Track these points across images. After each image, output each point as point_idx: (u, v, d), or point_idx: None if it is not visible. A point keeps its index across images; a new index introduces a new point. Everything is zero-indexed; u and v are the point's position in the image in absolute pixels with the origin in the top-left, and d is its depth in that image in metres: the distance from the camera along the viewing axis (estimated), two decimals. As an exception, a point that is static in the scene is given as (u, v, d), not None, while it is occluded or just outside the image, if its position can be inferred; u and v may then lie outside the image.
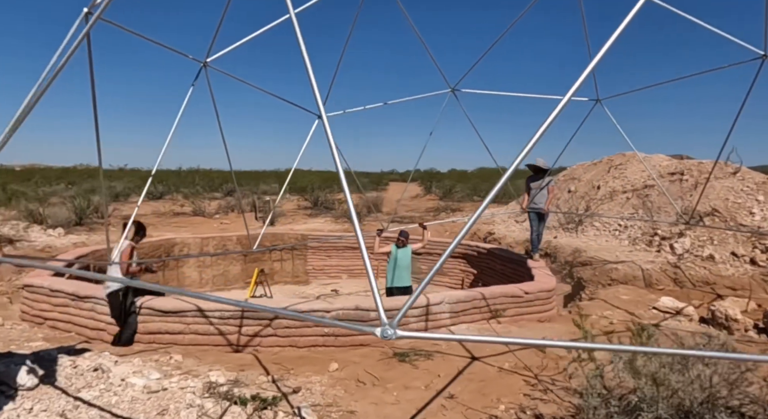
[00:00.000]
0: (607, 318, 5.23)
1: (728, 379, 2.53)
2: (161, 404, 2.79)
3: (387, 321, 1.78)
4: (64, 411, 2.55)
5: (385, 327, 1.75)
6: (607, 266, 7.45)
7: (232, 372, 3.56)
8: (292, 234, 12.34)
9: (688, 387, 2.50)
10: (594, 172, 12.26)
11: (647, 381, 2.45)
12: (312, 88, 2.26)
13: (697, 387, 2.47)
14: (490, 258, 9.47)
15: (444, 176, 35.64)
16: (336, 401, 3.20)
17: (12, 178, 26.77)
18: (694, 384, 2.53)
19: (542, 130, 1.97)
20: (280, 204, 17.01)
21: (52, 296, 5.59)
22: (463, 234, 1.90)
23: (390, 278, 7.14)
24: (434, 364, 3.93)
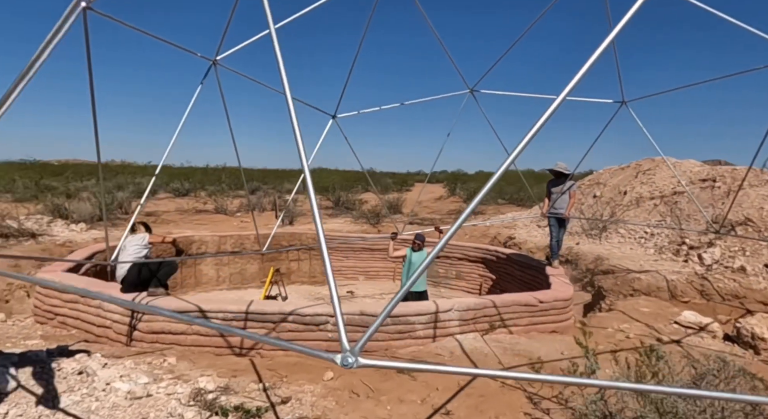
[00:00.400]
0: (623, 332, 4.96)
1: (744, 409, 2.31)
2: (141, 412, 2.71)
3: (348, 347, 1.57)
4: (40, 417, 2.49)
5: (345, 354, 1.55)
6: (630, 275, 7.12)
7: (224, 378, 3.47)
8: (311, 234, 12.29)
9: (699, 416, 2.29)
10: (621, 177, 11.84)
11: (650, 408, 2.24)
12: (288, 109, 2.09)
13: (708, 416, 2.26)
14: (509, 263, 9.22)
15: (470, 178, 35.18)
16: (325, 413, 3.07)
17: (47, 173, 27.63)
18: (705, 413, 2.31)
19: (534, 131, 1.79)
20: (300, 203, 17.03)
21: (63, 291, 5.63)
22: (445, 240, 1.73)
23: (405, 282, 6.91)
24: (434, 377, 3.76)
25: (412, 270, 6.98)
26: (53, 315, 5.59)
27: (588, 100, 8.10)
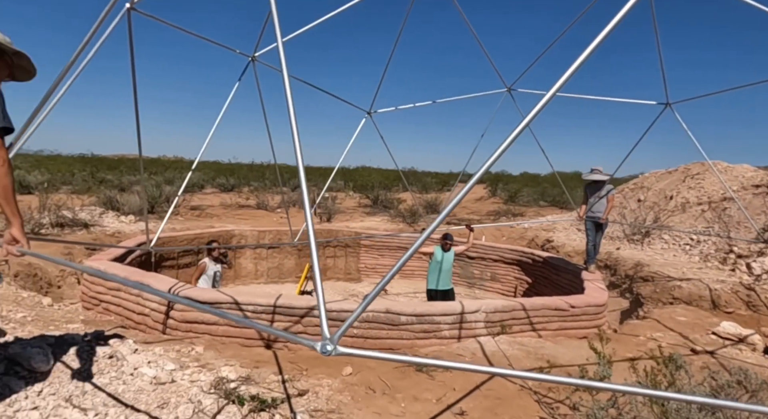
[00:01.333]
0: (655, 341, 4.79)
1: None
2: (163, 397, 2.85)
3: (329, 336, 1.66)
4: (71, 396, 2.66)
5: (325, 341, 1.64)
6: (670, 283, 6.85)
7: (246, 369, 3.59)
8: (347, 231, 12.45)
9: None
10: (667, 181, 11.37)
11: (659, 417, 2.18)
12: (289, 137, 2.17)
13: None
14: (546, 267, 9.05)
15: (514, 179, 34.58)
16: (339, 407, 3.13)
17: (103, 167, 29.09)
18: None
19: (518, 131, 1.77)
20: (340, 201, 17.26)
21: (107, 279, 5.94)
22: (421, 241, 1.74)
23: (432, 280, 7.12)
24: (452, 377, 3.76)
25: (439, 269, 7.04)
26: (98, 302, 5.92)
27: (631, 101, 7.89)
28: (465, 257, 10.98)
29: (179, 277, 9.28)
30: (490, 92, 8.87)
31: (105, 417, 2.56)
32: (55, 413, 2.49)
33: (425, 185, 27.75)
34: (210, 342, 4.46)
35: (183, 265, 9.27)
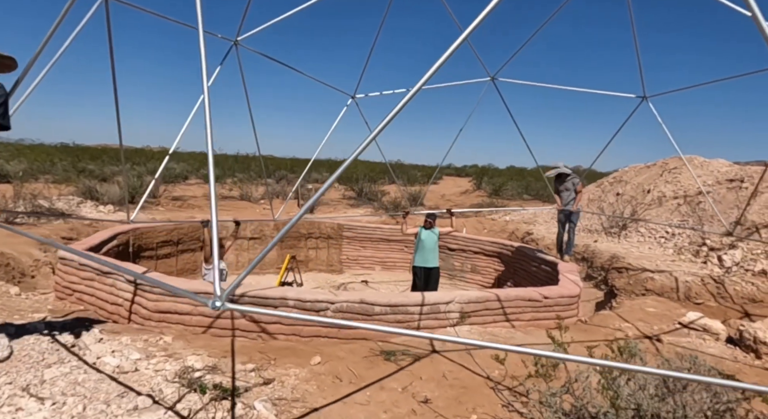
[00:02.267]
0: (621, 331, 4.87)
1: (712, 408, 2.25)
2: (124, 386, 2.84)
3: (219, 293, 2.09)
4: (29, 385, 2.64)
5: (215, 298, 2.06)
6: (643, 275, 6.96)
7: (214, 358, 3.59)
8: (330, 223, 12.43)
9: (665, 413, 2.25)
10: (646, 176, 11.51)
11: (609, 403, 2.22)
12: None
13: (670, 413, 2.22)
14: (524, 259, 9.13)
15: (500, 173, 34.71)
16: (304, 396, 3.15)
17: (85, 156, 28.64)
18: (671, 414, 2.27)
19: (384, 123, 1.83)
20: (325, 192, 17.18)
21: (80, 270, 5.88)
22: (296, 219, 1.77)
23: (416, 258, 7.43)
24: (420, 366, 3.80)
25: (422, 247, 7.34)
26: (72, 292, 5.86)
27: (608, 93, 8.02)
28: (446, 249, 11.04)
29: (158, 268, 9.21)
30: (473, 80, 8.90)
31: (63, 406, 2.54)
32: (9, 402, 2.47)
33: (410, 178, 27.77)
34: (182, 332, 4.45)
35: (162, 256, 9.20)
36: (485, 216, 14.62)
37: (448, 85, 9.48)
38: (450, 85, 9.44)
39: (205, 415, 2.64)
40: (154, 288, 5.06)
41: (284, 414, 2.83)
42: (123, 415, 2.55)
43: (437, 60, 2.10)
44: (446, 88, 9.55)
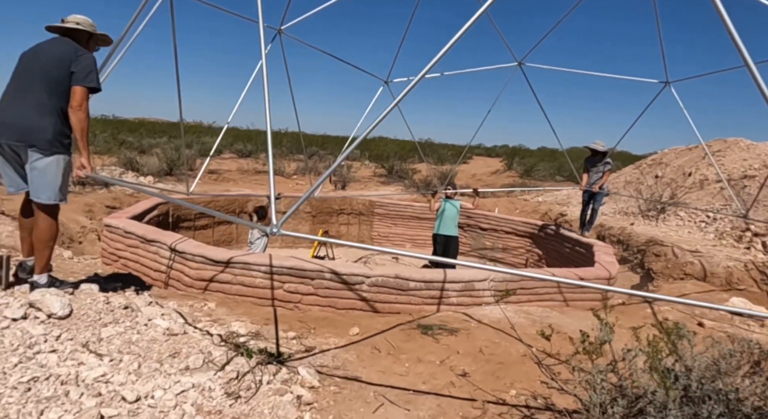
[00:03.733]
0: (662, 314, 4.80)
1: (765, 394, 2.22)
2: (175, 347, 2.97)
3: (275, 223, 2.72)
4: (88, 342, 2.79)
5: (272, 227, 2.72)
6: (682, 259, 6.80)
7: (256, 325, 3.70)
8: (361, 199, 12.50)
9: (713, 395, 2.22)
10: (687, 158, 11.14)
11: (658, 384, 2.21)
12: None
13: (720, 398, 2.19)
14: (558, 239, 9.03)
15: (530, 153, 34.09)
16: (345, 365, 3.23)
17: (124, 129, 29.37)
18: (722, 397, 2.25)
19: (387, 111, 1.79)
20: (355, 169, 17.27)
21: (125, 237, 6.10)
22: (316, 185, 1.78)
23: (436, 225, 8.00)
24: (457, 341, 3.84)
25: (443, 216, 7.88)
26: (117, 258, 6.10)
27: (631, 78, 8.25)
28: (477, 228, 11.00)
29: (195, 238, 9.48)
30: (500, 66, 9.12)
31: (119, 363, 2.68)
32: (72, 357, 2.62)
33: (441, 157, 27.55)
34: (223, 299, 4.59)
35: (199, 227, 9.45)
36: (517, 196, 14.47)
37: (477, 70, 9.79)
38: (479, 70, 9.72)
39: (252, 378, 2.74)
40: (196, 257, 5.22)
41: (326, 381, 2.92)
42: (176, 374, 2.67)
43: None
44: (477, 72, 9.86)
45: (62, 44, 3.31)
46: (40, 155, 3.19)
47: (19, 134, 3.17)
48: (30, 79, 3.23)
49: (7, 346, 2.55)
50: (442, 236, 7.87)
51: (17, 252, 4.93)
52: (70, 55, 3.22)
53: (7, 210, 6.47)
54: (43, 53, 3.27)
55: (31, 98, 3.19)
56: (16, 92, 3.25)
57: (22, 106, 3.19)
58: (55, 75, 3.20)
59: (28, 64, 3.28)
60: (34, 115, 3.17)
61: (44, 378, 2.38)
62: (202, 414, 2.37)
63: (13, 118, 3.18)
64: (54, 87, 3.21)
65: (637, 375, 2.47)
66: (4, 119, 3.20)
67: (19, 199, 3.53)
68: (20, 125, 3.16)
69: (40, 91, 3.19)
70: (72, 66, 3.20)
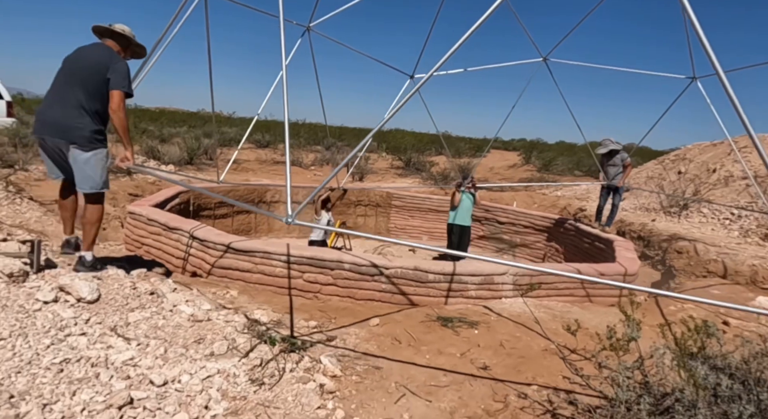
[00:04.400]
0: (686, 311, 4.73)
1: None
2: (200, 333, 3.01)
3: (291, 212, 2.88)
4: (116, 326, 2.84)
5: (288, 216, 2.87)
6: (706, 256, 6.68)
7: (278, 314, 3.74)
8: (378, 191, 12.50)
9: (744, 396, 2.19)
10: (711, 154, 10.91)
11: (686, 383, 2.18)
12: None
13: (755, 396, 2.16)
14: (576, 234, 8.94)
15: (548, 147, 33.65)
16: (366, 355, 3.25)
17: (145, 118, 29.68)
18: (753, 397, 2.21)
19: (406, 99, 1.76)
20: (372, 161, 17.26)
21: (148, 224, 6.19)
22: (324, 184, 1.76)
23: (452, 216, 8.42)
24: (477, 334, 3.84)
25: (460, 207, 8.32)
26: (140, 245, 6.20)
27: (657, 74, 8.37)
28: (495, 222, 10.94)
29: (215, 227, 9.58)
30: (526, 61, 9.16)
31: (146, 347, 2.72)
32: (101, 340, 2.67)
33: (459, 150, 27.36)
34: (244, 287, 4.64)
35: (219, 216, 9.54)
36: (536, 190, 14.33)
37: (504, 65, 9.89)
38: (504, 66, 9.85)
39: (275, 365, 2.77)
40: (217, 245, 5.27)
41: (348, 370, 2.94)
42: (201, 359, 2.71)
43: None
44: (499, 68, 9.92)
45: (101, 51, 3.67)
46: (80, 151, 3.55)
47: (61, 132, 3.53)
48: (71, 82, 3.57)
49: (39, 328, 2.61)
50: (458, 226, 8.29)
51: (45, 236, 5.04)
52: (107, 62, 3.58)
53: (35, 196, 6.61)
54: (83, 59, 3.61)
55: (71, 100, 3.54)
56: (58, 93, 3.60)
57: (64, 107, 3.54)
58: (92, 80, 3.55)
59: (70, 68, 3.62)
60: (74, 115, 3.53)
61: (75, 360, 2.43)
62: (228, 400, 2.41)
63: (55, 117, 3.55)
64: (91, 90, 3.56)
65: (664, 372, 2.45)
66: (46, 118, 3.57)
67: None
68: (62, 124, 3.53)
69: (79, 93, 3.54)
70: (108, 72, 3.56)
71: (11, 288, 2.94)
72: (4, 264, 2.98)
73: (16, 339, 2.48)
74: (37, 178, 8.06)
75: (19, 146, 9.63)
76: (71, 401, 2.13)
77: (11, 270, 2.98)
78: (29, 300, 2.84)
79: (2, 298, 2.81)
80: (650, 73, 8.78)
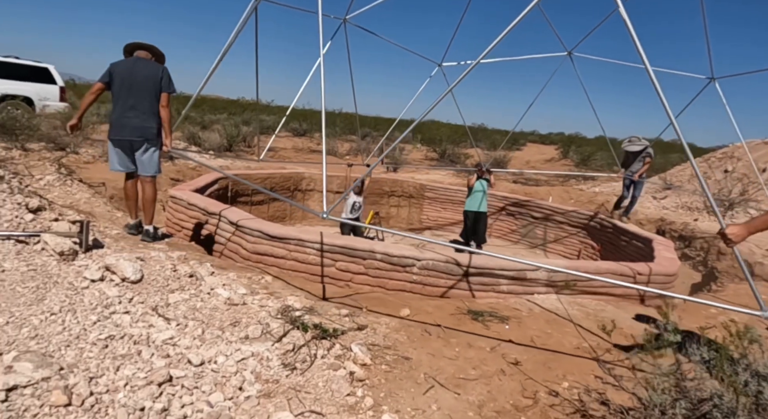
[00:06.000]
0: (726, 315, 4.57)
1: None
2: (236, 316, 3.10)
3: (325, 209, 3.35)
4: (157, 307, 2.96)
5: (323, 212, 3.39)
6: (751, 259, 6.42)
7: (310, 301, 3.81)
8: (412, 182, 12.49)
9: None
10: (762, 152, 10.43)
11: (726, 388, 2.13)
12: None
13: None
14: (614, 233, 8.73)
15: (587, 142, 32.81)
16: (395, 345, 3.28)
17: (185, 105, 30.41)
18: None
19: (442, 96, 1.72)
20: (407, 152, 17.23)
21: (188, 209, 6.38)
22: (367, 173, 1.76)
23: (468, 203, 8.71)
24: (508, 329, 3.82)
25: (474, 194, 8.60)
26: (180, 228, 6.40)
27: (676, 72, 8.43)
28: (529, 217, 10.78)
29: (252, 213, 9.79)
30: (550, 54, 9.34)
31: (185, 328, 2.83)
32: (143, 319, 2.79)
33: (494, 142, 27.02)
34: (278, 273, 4.74)
35: (256, 202, 9.74)
36: (572, 186, 14.03)
37: (528, 57, 9.97)
38: (528, 58, 9.89)
39: (307, 351, 2.83)
40: (254, 231, 5.39)
41: (378, 359, 2.98)
42: (236, 342, 2.80)
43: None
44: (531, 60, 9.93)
45: (149, 64, 4.66)
46: (150, 145, 4.65)
47: (139, 132, 4.56)
48: (134, 92, 4.53)
49: (86, 305, 2.75)
50: (473, 212, 8.52)
51: (93, 217, 5.27)
52: (159, 72, 4.62)
53: (84, 178, 6.90)
54: (139, 73, 4.56)
55: (141, 106, 4.54)
56: (127, 101, 4.52)
57: (137, 112, 4.54)
58: (151, 88, 4.58)
59: (130, 81, 4.53)
60: (146, 118, 4.56)
61: (119, 336, 2.55)
62: (261, 382, 2.48)
63: (133, 121, 4.53)
64: (152, 96, 4.59)
65: (701, 376, 2.39)
66: (126, 122, 4.53)
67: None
68: (139, 126, 4.55)
69: (144, 100, 4.55)
70: (162, 80, 4.61)
71: (62, 265, 3.09)
72: (56, 242, 3.14)
73: (65, 314, 2.62)
74: (86, 161, 8.40)
75: (70, 130, 10.04)
76: (115, 375, 2.25)
77: (62, 248, 3.13)
78: (78, 278, 2.99)
79: (54, 275, 2.97)
80: (670, 72, 8.97)
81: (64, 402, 1.97)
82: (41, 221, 3.55)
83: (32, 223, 3.47)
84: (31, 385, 2.01)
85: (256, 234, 5.38)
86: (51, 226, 3.50)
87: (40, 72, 12.58)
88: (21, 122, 8.51)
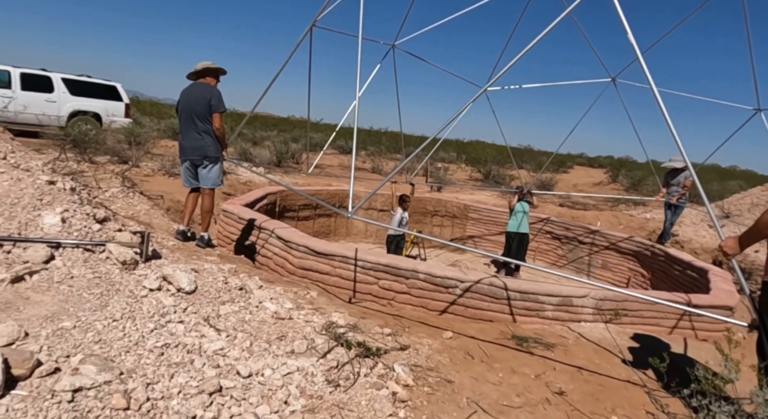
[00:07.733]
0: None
1: None
2: (282, 330, 3.19)
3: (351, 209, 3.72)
4: (208, 317, 3.08)
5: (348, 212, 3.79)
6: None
7: (354, 318, 3.85)
8: (456, 202, 12.45)
9: None
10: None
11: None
12: None
13: None
14: (667, 261, 8.38)
15: (637, 166, 31.77)
16: (438, 367, 3.27)
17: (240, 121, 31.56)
18: None
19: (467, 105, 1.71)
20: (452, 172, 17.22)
21: (239, 222, 6.60)
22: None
23: (511, 224, 8.94)
24: (553, 356, 3.74)
25: (516, 215, 8.83)
26: (231, 241, 6.62)
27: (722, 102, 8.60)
28: (576, 241, 10.52)
29: (297, 228, 10.01)
30: (594, 80, 9.49)
31: (234, 339, 2.93)
32: (195, 329, 2.91)
33: (539, 164, 26.58)
34: (323, 289, 4.82)
35: (302, 218, 9.95)
36: (622, 211, 13.61)
37: (572, 83, 10.39)
38: (573, 84, 10.33)
39: (351, 368, 2.87)
40: (300, 247, 5.51)
41: (420, 381, 2.98)
42: (282, 355, 2.87)
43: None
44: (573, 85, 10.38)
45: (202, 88, 5.14)
46: (209, 162, 5.24)
47: (199, 152, 5.17)
48: (191, 116, 5.11)
49: (145, 313, 2.90)
50: (514, 233, 8.74)
51: (152, 228, 5.54)
52: (209, 94, 5.10)
53: (144, 191, 7.28)
54: (192, 98, 5.13)
55: (197, 127, 5.12)
56: (187, 124, 5.16)
57: (194, 134, 5.15)
58: (204, 110, 5.09)
59: (186, 106, 5.15)
60: (201, 137, 5.14)
61: (174, 345, 2.67)
62: (305, 397, 2.54)
63: (192, 142, 5.17)
64: (205, 117, 5.12)
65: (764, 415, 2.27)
66: (186, 144, 5.21)
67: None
68: (197, 147, 5.17)
69: (198, 122, 5.11)
70: (211, 101, 5.08)
71: (124, 274, 3.28)
72: (119, 252, 3.33)
73: (126, 320, 2.77)
74: (146, 174, 8.85)
75: (134, 144, 10.62)
76: (169, 383, 2.35)
77: (125, 258, 3.32)
78: (138, 287, 3.16)
79: (116, 282, 3.15)
80: (716, 102, 9.26)
81: (123, 406, 2.08)
82: (106, 231, 3.77)
83: (98, 233, 3.69)
84: (95, 387, 2.13)
85: (302, 249, 5.50)
86: (115, 236, 3.71)
87: (109, 90, 13.44)
88: (90, 137, 9.09)
